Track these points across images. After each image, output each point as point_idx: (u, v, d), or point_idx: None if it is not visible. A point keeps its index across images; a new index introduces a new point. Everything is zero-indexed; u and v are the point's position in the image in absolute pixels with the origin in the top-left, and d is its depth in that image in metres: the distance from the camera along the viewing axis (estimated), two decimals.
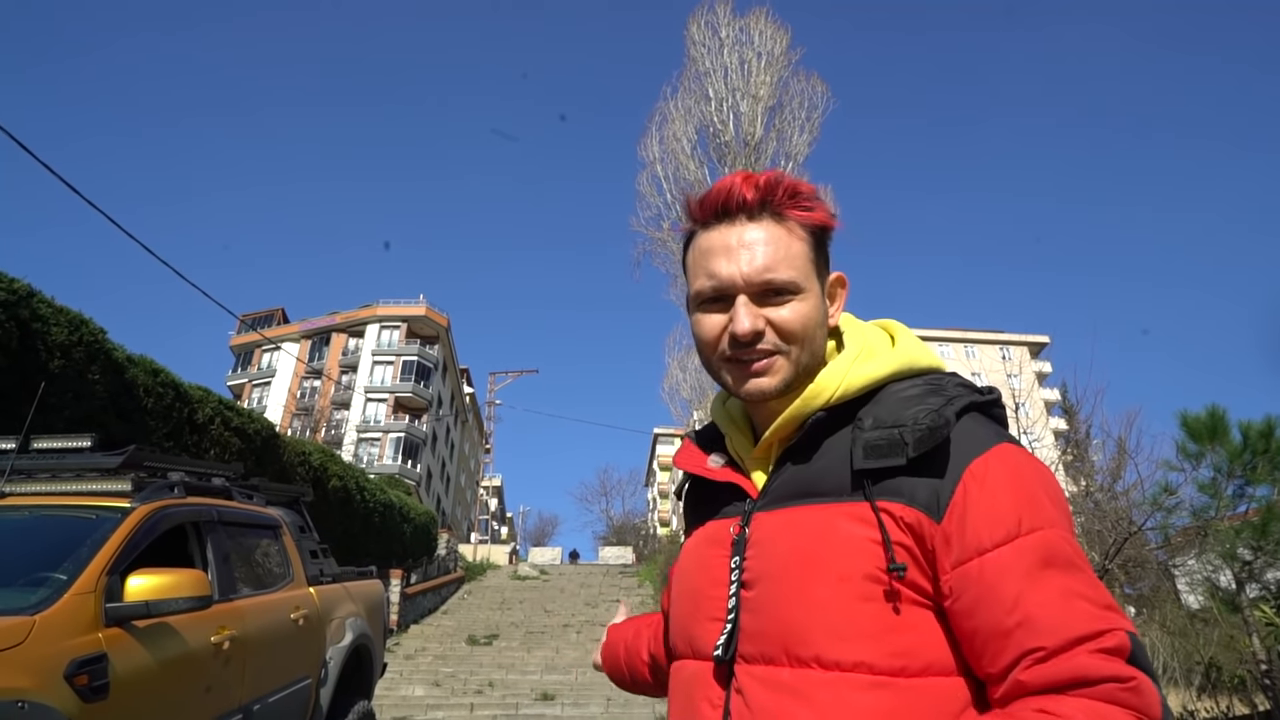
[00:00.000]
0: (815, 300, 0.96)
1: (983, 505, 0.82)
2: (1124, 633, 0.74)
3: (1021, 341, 60.19)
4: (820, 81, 15.07)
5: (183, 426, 9.80)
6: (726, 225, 0.97)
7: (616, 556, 36.43)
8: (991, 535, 0.80)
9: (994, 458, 0.85)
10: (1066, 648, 0.74)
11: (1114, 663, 0.73)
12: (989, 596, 0.79)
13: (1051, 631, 0.75)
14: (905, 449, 0.85)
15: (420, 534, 20.18)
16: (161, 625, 2.92)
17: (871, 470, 0.86)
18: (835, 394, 0.93)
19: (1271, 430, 6.22)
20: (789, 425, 0.96)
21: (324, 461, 14.67)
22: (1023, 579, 0.78)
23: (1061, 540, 0.81)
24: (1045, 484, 0.86)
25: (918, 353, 0.99)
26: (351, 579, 5.12)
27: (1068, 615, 0.75)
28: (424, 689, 10.51)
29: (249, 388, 53.60)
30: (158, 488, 3.47)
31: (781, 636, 0.86)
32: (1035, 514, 0.82)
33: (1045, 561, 0.79)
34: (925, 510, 0.84)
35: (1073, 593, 0.77)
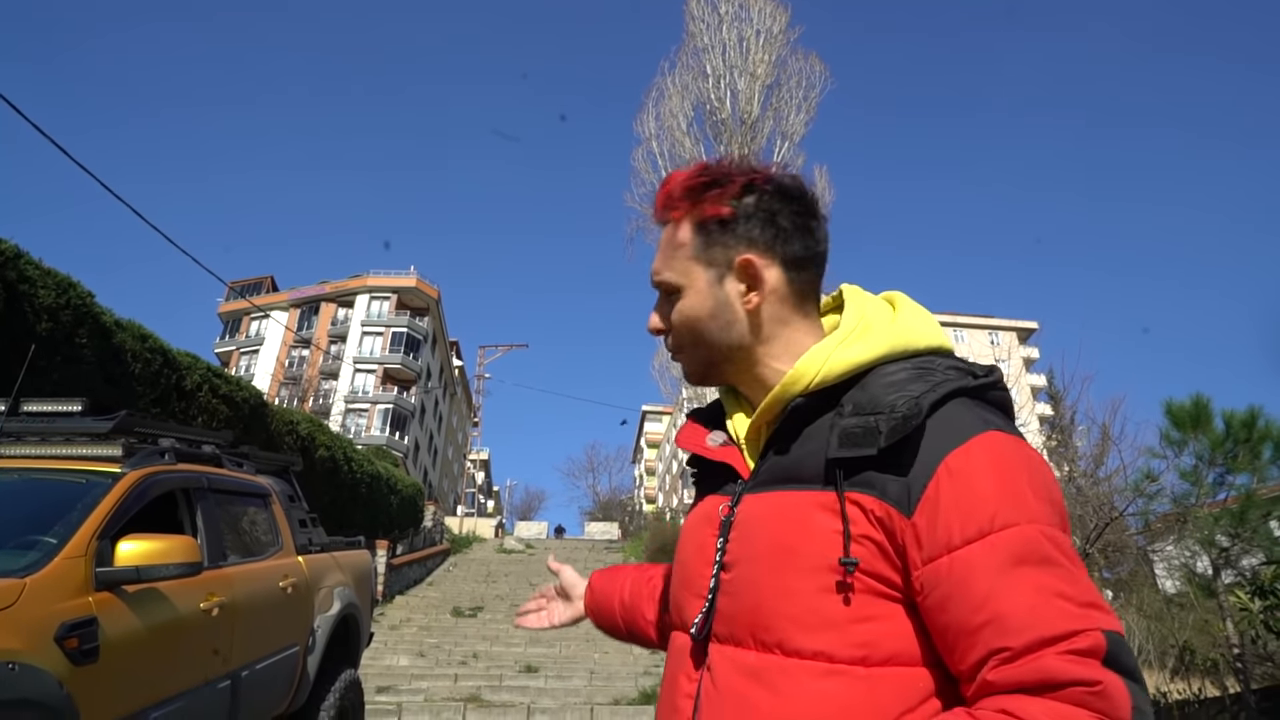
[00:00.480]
0: (698, 295, 0.98)
1: (956, 499, 0.79)
2: (1100, 633, 0.71)
3: (1010, 327, 60.44)
4: (819, 61, 15.00)
5: (170, 393, 9.76)
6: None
7: (602, 532, 36.67)
8: (963, 531, 0.78)
9: (975, 447, 0.81)
10: (1033, 648, 0.71)
11: (1083, 664, 0.70)
12: (958, 594, 0.77)
13: (1019, 631, 0.72)
14: (878, 438, 0.82)
15: (407, 505, 20.23)
16: (151, 590, 2.93)
17: (844, 459, 0.85)
18: (815, 379, 0.91)
19: (1254, 419, 6.31)
20: (772, 409, 0.95)
21: (312, 431, 14.66)
22: (994, 576, 0.75)
23: (1040, 536, 0.76)
24: (1030, 475, 0.81)
25: (914, 332, 0.94)
26: (340, 549, 5.13)
27: (1038, 614, 0.73)
28: (408, 659, 10.59)
29: (237, 355, 53.35)
30: (148, 454, 3.47)
31: (749, 620, 0.87)
32: (1012, 508, 0.78)
33: (1019, 558, 0.75)
34: (895, 504, 0.82)
35: (1047, 590, 0.74)
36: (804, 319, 0.99)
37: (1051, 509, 0.79)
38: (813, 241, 0.98)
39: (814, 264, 0.99)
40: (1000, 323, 60.91)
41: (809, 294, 1.00)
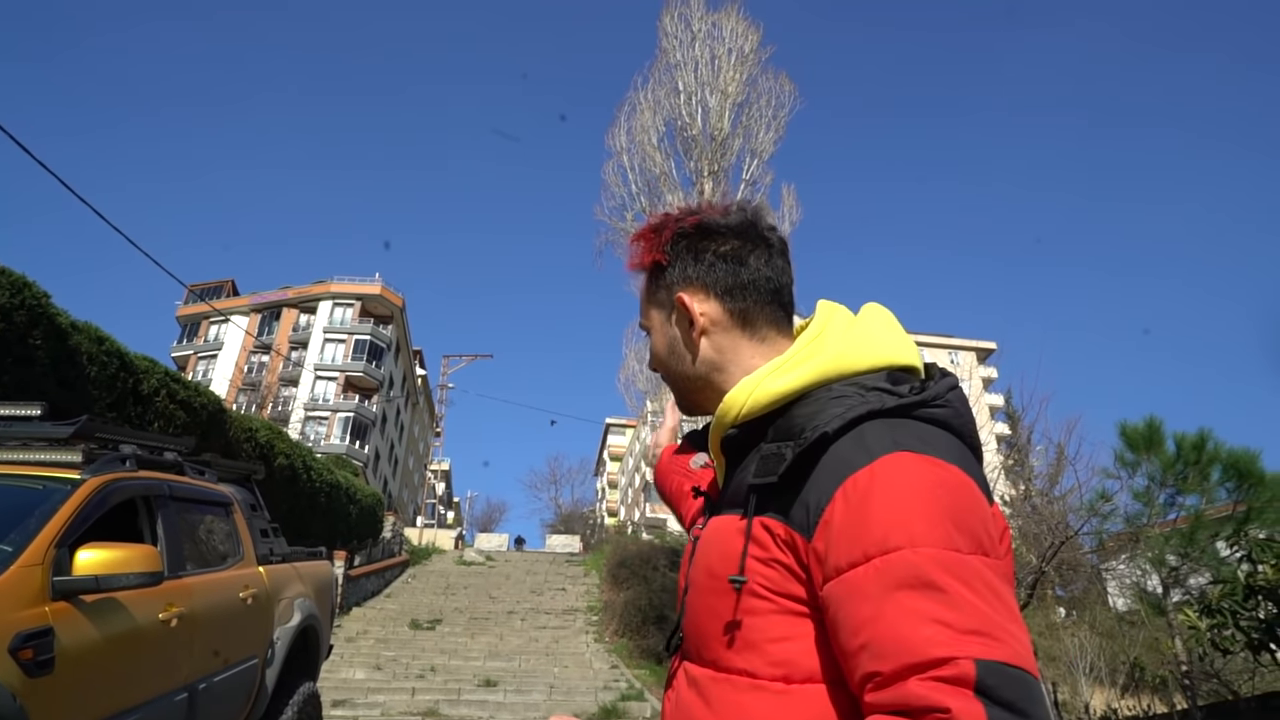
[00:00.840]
0: (658, 333, 1.09)
1: (848, 523, 0.79)
2: (970, 661, 0.68)
3: (970, 347, 61.51)
4: (788, 81, 15.19)
5: (127, 397, 9.56)
6: None
7: (564, 545, 36.44)
8: (849, 554, 0.78)
9: (878, 469, 0.80)
10: (899, 675, 0.71)
11: (943, 691, 0.68)
12: (842, 618, 0.77)
13: (888, 657, 0.72)
14: (782, 465, 0.85)
15: (366, 516, 19.95)
16: (110, 600, 2.87)
17: (758, 485, 0.87)
18: (744, 410, 0.94)
19: (1204, 442, 6.50)
20: (714, 438, 1.01)
21: (271, 439, 14.42)
22: (873, 601, 0.75)
23: (925, 560, 0.74)
24: (928, 498, 0.78)
25: (855, 353, 0.94)
26: (301, 559, 5.07)
27: (909, 641, 0.71)
28: (365, 672, 10.42)
29: (194, 359, 52.24)
30: (109, 460, 3.40)
31: (694, 640, 0.95)
32: (902, 532, 0.76)
33: (900, 583, 0.74)
34: (798, 528, 0.84)
35: (923, 617, 0.72)
36: (759, 344, 1.02)
37: (954, 531, 0.77)
38: (744, 270, 1.02)
39: (752, 290, 1.02)
40: (960, 343, 61.92)
41: (758, 319, 1.02)
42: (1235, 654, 5.66)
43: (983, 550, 0.77)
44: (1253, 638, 5.19)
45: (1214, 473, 6.61)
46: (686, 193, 14.37)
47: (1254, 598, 5.28)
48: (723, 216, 1.05)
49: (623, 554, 17.71)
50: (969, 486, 0.82)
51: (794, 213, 14.61)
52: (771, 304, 1.03)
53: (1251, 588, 5.30)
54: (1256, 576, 5.32)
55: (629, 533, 34.61)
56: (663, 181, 14.63)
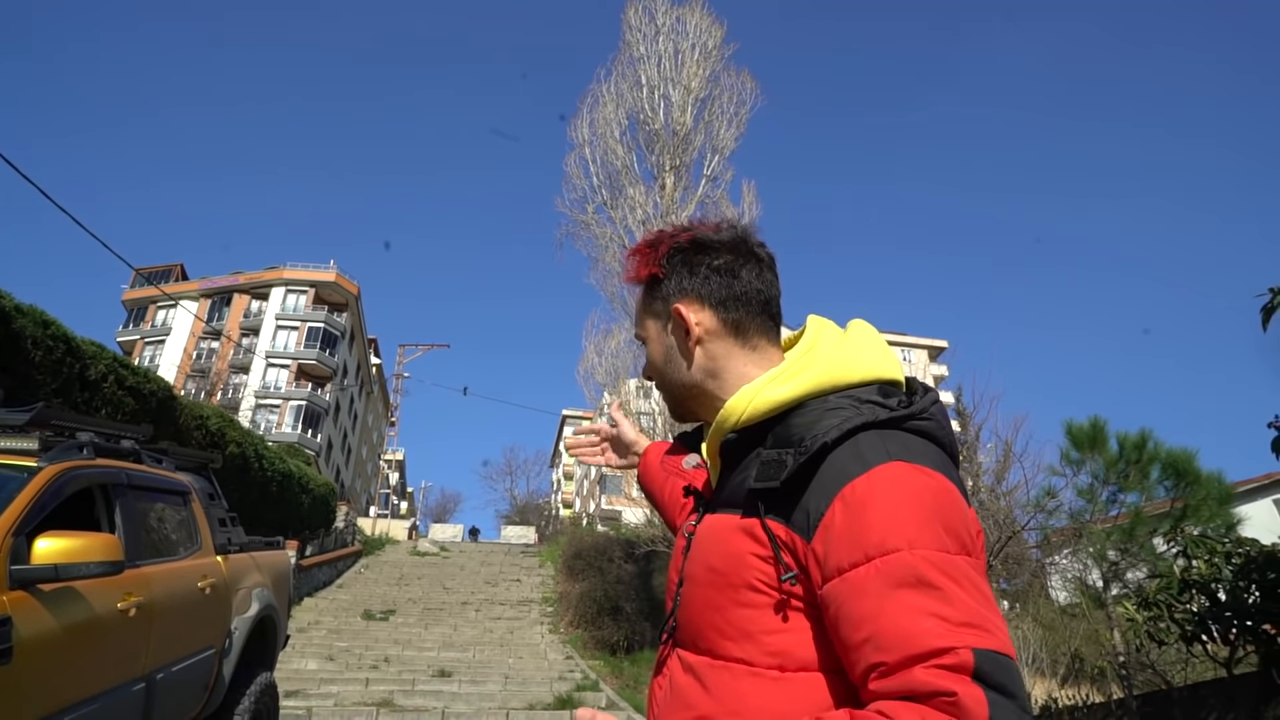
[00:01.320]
0: (655, 342, 1.15)
1: (848, 526, 0.85)
2: (969, 650, 0.75)
3: (922, 345, 62.57)
4: (750, 78, 15.24)
5: (73, 383, 9.31)
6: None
7: (519, 536, 36.35)
8: (850, 555, 0.84)
9: (875, 477, 0.87)
10: (904, 665, 0.77)
11: (946, 678, 0.75)
12: (844, 614, 0.83)
13: (892, 649, 0.78)
14: (784, 472, 0.91)
15: (319, 505, 19.69)
16: (68, 590, 2.83)
17: (760, 490, 0.94)
18: (743, 416, 1.00)
19: (1144, 442, 6.75)
20: (713, 442, 1.07)
21: (222, 426, 14.16)
22: (875, 598, 0.81)
23: (921, 561, 0.81)
24: (922, 503, 0.86)
25: (848, 366, 1.00)
26: (259, 549, 5.02)
27: (911, 634, 0.78)
28: (317, 663, 10.32)
29: (141, 345, 50.86)
30: (66, 448, 3.35)
31: (690, 630, 1.00)
32: (898, 535, 0.83)
33: (899, 582, 0.80)
34: (798, 530, 0.90)
35: (922, 611, 0.79)
36: (751, 352, 1.09)
37: (943, 534, 0.84)
38: (736, 282, 1.09)
39: (744, 302, 1.09)
40: (913, 340, 62.93)
41: (750, 329, 1.09)
42: (1170, 645, 5.89)
43: (966, 550, 0.85)
44: (1186, 629, 5.41)
45: (1154, 471, 6.87)
46: (648, 186, 14.39)
47: (1188, 591, 5.51)
48: (715, 233, 1.12)
49: (578, 545, 17.73)
50: (953, 492, 0.90)
51: (753, 209, 14.68)
52: (762, 315, 1.10)
53: (1186, 582, 5.53)
54: (1191, 571, 5.56)
55: (584, 525, 34.65)
56: (624, 175, 14.61)
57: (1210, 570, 5.40)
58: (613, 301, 14.30)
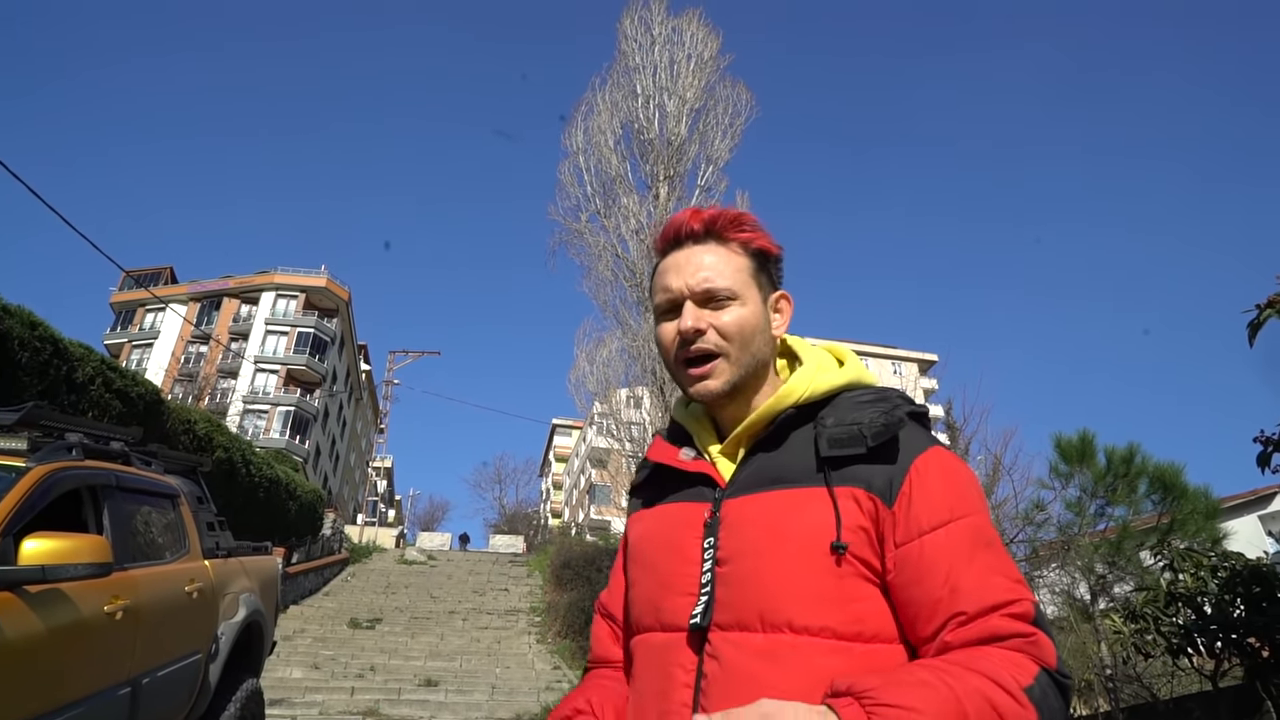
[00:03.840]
0: (754, 309, 1.12)
1: (924, 494, 0.97)
2: (1029, 602, 0.91)
3: (912, 358, 62.79)
4: (746, 89, 15.27)
5: (60, 385, 9.28)
6: (677, 250, 1.17)
7: (507, 545, 36.15)
8: (930, 520, 0.96)
9: (933, 455, 1.01)
10: (984, 613, 0.90)
11: (1020, 624, 0.89)
12: (927, 571, 0.94)
13: (973, 600, 0.90)
14: (865, 440, 1.00)
15: (306, 512, 19.61)
16: (55, 591, 2.81)
17: (833, 458, 1.01)
18: (804, 395, 1.09)
19: (1132, 455, 6.79)
20: (761, 422, 1.10)
21: (209, 431, 14.11)
22: (953, 557, 0.93)
23: (985, 525, 0.97)
24: (971, 479, 1.02)
25: (865, 372, 1.16)
26: (247, 554, 4.99)
27: (987, 587, 0.91)
28: (302, 671, 10.25)
29: (128, 348, 50.55)
30: (55, 448, 3.33)
31: (757, 604, 0.97)
32: (965, 503, 0.98)
33: (972, 543, 0.95)
34: (880, 495, 0.98)
35: (991, 569, 0.93)
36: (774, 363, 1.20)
37: (986, 505, 1.01)
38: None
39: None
40: (903, 354, 63.19)
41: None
42: (1156, 658, 5.91)
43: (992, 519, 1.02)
44: (1172, 642, 5.44)
45: (1141, 485, 6.90)
46: (642, 196, 14.41)
47: (1174, 604, 5.54)
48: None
49: (567, 555, 17.67)
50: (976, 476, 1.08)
51: None
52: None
53: (1172, 595, 5.56)
54: (1177, 584, 5.58)
55: (573, 534, 34.54)
56: (618, 184, 14.63)
57: (1196, 584, 5.43)
58: (605, 310, 14.29)
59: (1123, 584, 7.11)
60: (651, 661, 1.06)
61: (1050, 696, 0.86)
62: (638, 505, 1.23)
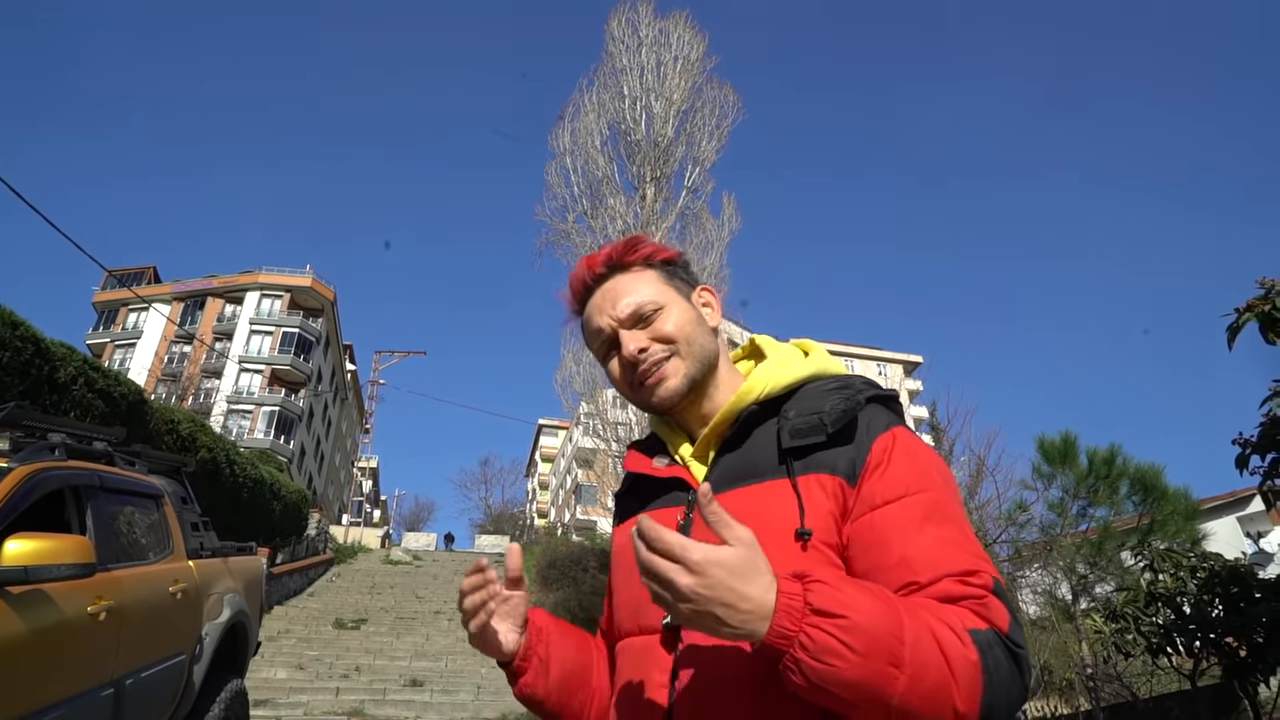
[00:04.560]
0: (682, 308, 1.16)
1: (882, 472, 0.98)
2: (988, 574, 0.89)
3: (897, 360, 63.07)
4: (732, 91, 15.31)
5: (41, 385, 9.19)
6: (589, 297, 1.20)
7: (493, 545, 36.06)
8: (885, 494, 0.96)
9: (894, 435, 1.02)
10: (937, 580, 0.88)
11: (974, 589, 0.87)
12: (878, 543, 0.94)
13: (926, 568, 0.89)
14: (824, 428, 1.01)
15: (291, 512, 19.50)
16: (37, 592, 2.79)
17: (796, 449, 1.02)
18: (765, 390, 1.10)
19: (1114, 457, 6.87)
20: (725, 421, 1.11)
21: (193, 431, 14.02)
22: (905, 528, 0.93)
23: (943, 501, 0.96)
24: (932, 459, 1.03)
25: (829, 362, 1.17)
26: (231, 554, 4.97)
27: (941, 557, 0.90)
28: (287, 672, 10.20)
29: (111, 348, 50.07)
30: (37, 448, 3.31)
31: None
32: (922, 480, 0.98)
33: (926, 516, 0.94)
34: (845, 477, 0.99)
35: (947, 541, 0.92)
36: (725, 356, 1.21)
37: (949, 485, 1.01)
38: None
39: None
40: (888, 355, 63.44)
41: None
42: (1136, 657, 5.98)
43: (959, 498, 1.02)
44: (1152, 642, 5.50)
45: (1123, 486, 6.99)
46: (629, 197, 14.42)
47: (1154, 604, 5.61)
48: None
49: (553, 555, 17.68)
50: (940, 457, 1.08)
51: (733, 221, 14.75)
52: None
53: (1152, 595, 5.62)
54: (1157, 584, 5.65)
55: (559, 534, 34.49)
56: (605, 185, 14.63)
57: (1176, 584, 5.50)
58: None
59: (1104, 584, 7.19)
60: (632, 665, 1.08)
61: (999, 654, 0.83)
62: (622, 516, 1.25)
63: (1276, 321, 3.39)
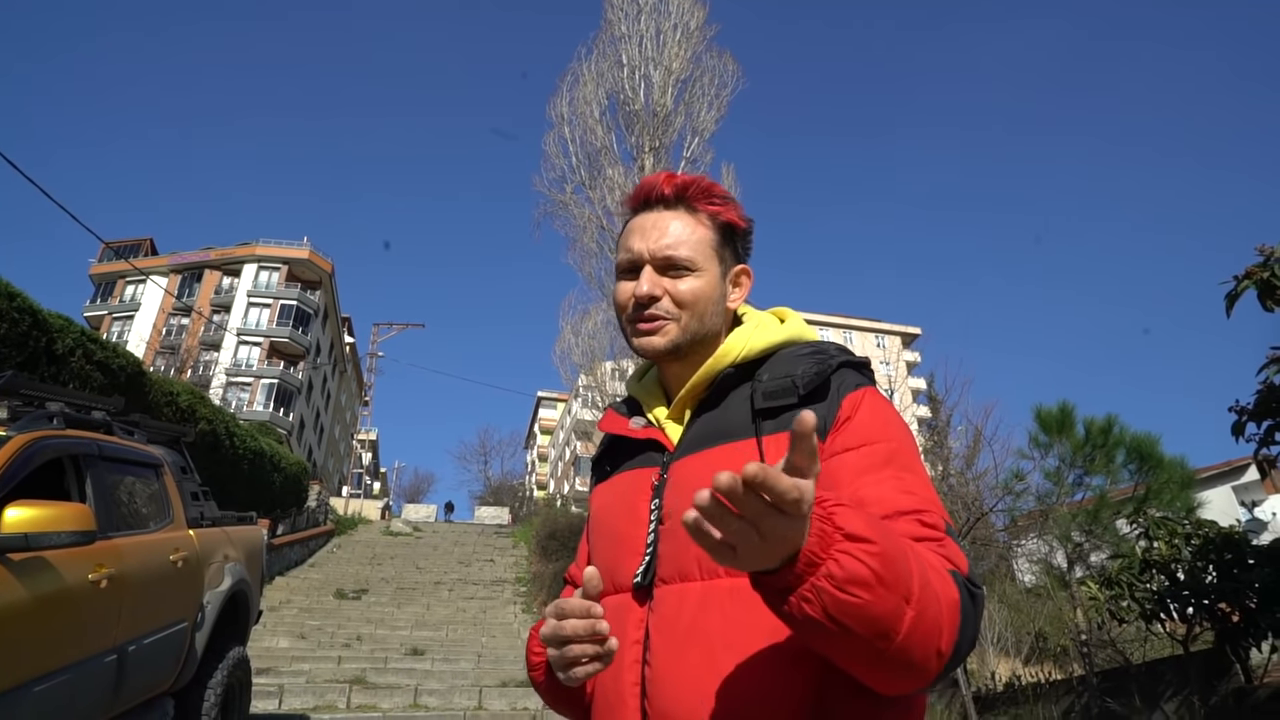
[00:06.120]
0: (711, 280, 1.15)
1: (848, 424, 1.02)
2: (939, 515, 0.90)
3: (896, 331, 63.18)
4: (732, 60, 15.19)
5: (39, 356, 9.17)
6: (646, 212, 1.18)
7: (492, 517, 36.33)
8: (845, 443, 0.99)
9: (864, 394, 1.06)
10: (891, 517, 0.88)
11: (930, 530, 0.87)
12: (838, 482, 0.95)
13: (880, 507, 0.90)
14: (796, 390, 1.04)
15: (291, 484, 19.56)
16: (38, 559, 2.80)
17: (767, 409, 1.05)
18: (741, 354, 1.13)
19: (1110, 426, 6.90)
20: (702, 382, 1.14)
21: (192, 403, 14.01)
22: (861, 473, 0.95)
23: (902, 451, 0.99)
24: (896, 417, 1.06)
25: (804, 329, 1.20)
26: (231, 523, 5.00)
27: (896, 497, 0.92)
28: (289, 641, 10.29)
29: (109, 320, 49.97)
30: (35, 417, 3.31)
31: (695, 552, 0.99)
32: (883, 431, 1.01)
33: (885, 462, 0.97)
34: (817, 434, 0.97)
35: (903, 485, 0.94)
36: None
37: (910, 441, 1.04)
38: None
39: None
40: (887, 327, 63.57)
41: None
42: (1130, 623, 6.05)
43: (918, 453, 1.05)
44: (1146, 608, 5.56)
45: (1119, 455, 7.03)
46: (627, 167, 14.34)
47: (1149, 571, 5.66)
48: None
49: (552, 526, 17.78)
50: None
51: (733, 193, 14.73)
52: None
53: (1147, 562, 5.68)
54: (1152, 552, 5.71)
55: (558, 505, 34.71)
56: (604, 155, 14.55)
57: (1170, 551, 5.55)
58: (590, 282, 14.28)
59: (1099, 552, 7.25)
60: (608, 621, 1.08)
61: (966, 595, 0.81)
62: (599, 478, 1.26)
63: (1275, 289, 3.38)
